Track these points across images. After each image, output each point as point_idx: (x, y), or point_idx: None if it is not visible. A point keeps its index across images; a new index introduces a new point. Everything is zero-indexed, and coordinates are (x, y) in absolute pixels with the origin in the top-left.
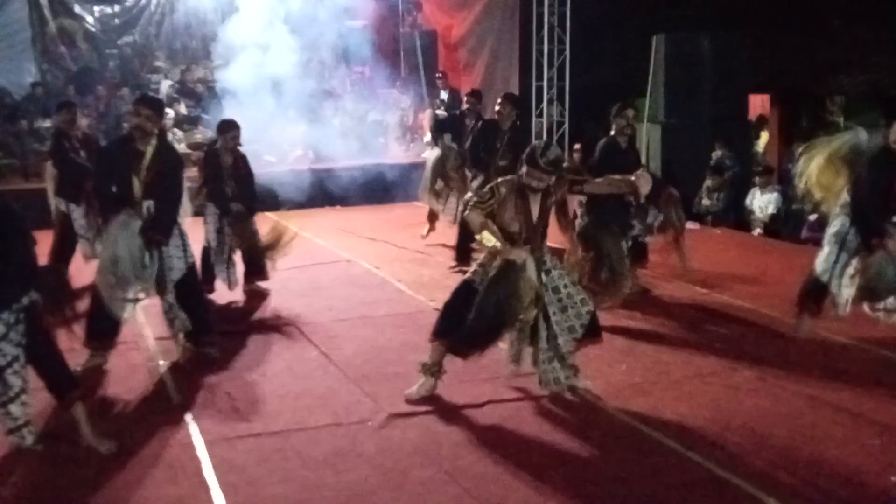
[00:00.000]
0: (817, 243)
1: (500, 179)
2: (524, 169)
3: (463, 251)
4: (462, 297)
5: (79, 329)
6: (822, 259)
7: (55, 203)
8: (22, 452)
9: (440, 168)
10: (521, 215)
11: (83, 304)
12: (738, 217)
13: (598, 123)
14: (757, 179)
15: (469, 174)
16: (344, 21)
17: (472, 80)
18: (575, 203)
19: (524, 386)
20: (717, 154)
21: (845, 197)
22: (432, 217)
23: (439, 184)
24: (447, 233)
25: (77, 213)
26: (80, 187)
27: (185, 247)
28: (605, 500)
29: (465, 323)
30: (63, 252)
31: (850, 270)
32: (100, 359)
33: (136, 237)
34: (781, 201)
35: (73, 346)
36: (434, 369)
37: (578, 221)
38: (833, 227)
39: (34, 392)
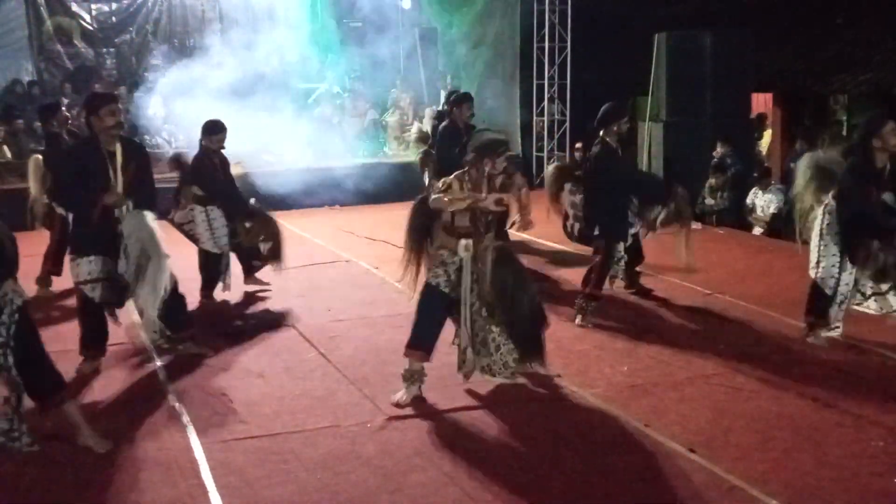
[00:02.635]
0: None
1: (452, 175)
2: (487, 161)
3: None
4: (427, 302)
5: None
6: (824, 267)
7: (51, 205)
8: (18, 454)
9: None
10: (468, 211)
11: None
12: (740, 216)
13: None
14: (756, 181)
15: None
16: (343, 19)
17: (473, 79)
18: (567, 203)
19: (524, 388)
20: (718, 152)
21: (830, 202)
22: None
23: None
24: None
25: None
26: None
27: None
28: (607, 502)
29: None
30: (59, 253)
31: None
32: (94, 363)
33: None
34: (783, 201)
35: (66, 348)
36: (415, 377)
37: (570, 223)
38: (824, 226)
39: None
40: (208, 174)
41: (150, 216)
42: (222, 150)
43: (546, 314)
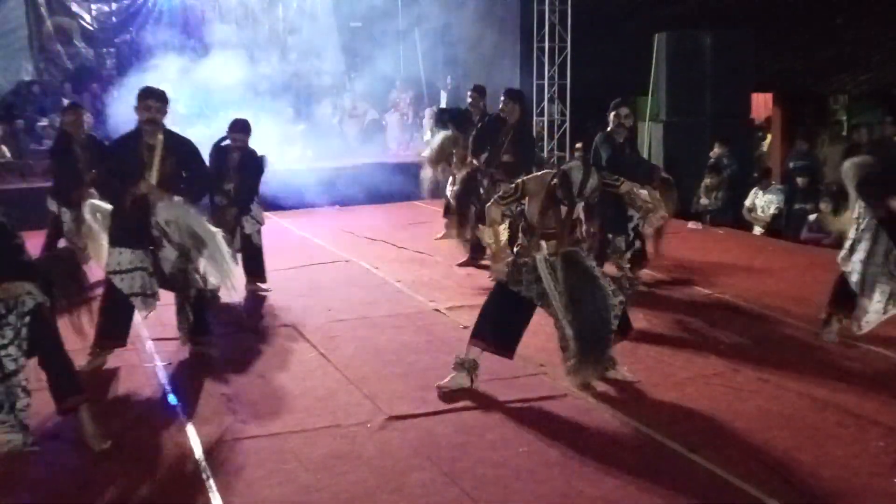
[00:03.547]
0: (818, 244)
1: (528, 177)
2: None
3: (477, 247)
4: (497, 299)
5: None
6: (854, 261)
7: (49, 204)
8: (19, 453)
9: (449, 147)
10: (550, 212)
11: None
12: (735, 216)
13: (598, 122)
14: (756, 181)
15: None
16: (343, 19)
17: (473, 78)
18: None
19: (524, 387)
20: (715, 152)
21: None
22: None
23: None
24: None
25: (67, 217)
26: (74, 192)
27: None
28: (607, 502)
29: (506, 323)
30: (50, 249)
31: (883, 281)
32: (101, 360)
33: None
34: (783, 201)
35: (75, 348)
36: (469, 366)
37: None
38: (862, 222)
39: (33, 392)
40: (213, 167)
41: (185, 203)
42: (247, 147)
43: (613, 324)
